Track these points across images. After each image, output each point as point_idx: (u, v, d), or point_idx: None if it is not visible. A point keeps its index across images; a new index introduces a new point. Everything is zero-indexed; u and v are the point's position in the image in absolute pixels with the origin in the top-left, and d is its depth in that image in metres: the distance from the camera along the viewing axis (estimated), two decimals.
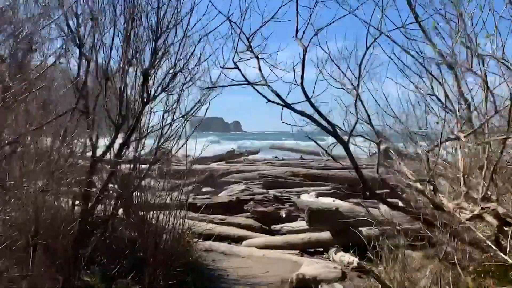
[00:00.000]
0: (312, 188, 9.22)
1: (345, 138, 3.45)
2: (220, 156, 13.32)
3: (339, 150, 3.74)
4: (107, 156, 3.63)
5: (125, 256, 3.82)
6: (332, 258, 4.69)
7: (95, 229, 3.60)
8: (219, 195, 8.33)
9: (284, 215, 5.95)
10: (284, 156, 15.78)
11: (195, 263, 4.03)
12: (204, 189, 8.87)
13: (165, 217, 3.85)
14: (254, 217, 6.16)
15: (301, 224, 5.65)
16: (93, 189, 3.59)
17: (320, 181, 9.97)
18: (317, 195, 8.63)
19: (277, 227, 5.85)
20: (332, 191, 9.12)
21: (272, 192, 7.87)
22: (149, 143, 4.02)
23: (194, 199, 6.58)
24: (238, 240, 5.48)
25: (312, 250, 5.11)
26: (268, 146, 17.96)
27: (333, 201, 8.19)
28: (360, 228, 4.90)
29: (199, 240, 4.54)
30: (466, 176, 3.30)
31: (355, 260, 4.11)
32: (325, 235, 5.00)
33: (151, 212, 4.00)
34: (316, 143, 3.86)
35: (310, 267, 3.97)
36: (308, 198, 8.30)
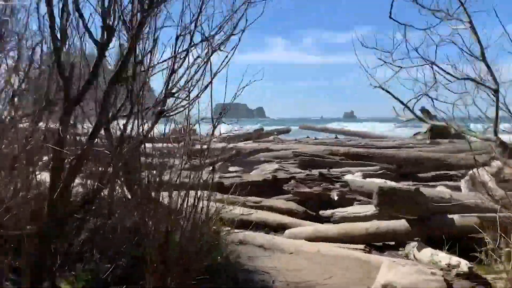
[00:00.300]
0: (356, 169, 7.85)
1: None
2: (247, 134, 12.05)
3: None
4: None
5: (123, 252, 2.61)
6: (414, 257, 3.37)
7: (74, 212, 2.36)
8: (251, 174, 7.10)
9: (336, 198, 4.63)
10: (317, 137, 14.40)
11: (225, 262, 2.78)
12: (231, 168, 7.63)
13: (182, 197, 2.61)
14: (297, 199, 4.88)
15: (359, 209, 4.33)
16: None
17: (364, 160, 8.58)
18: (364, 176, 7.28)
19: (327, 212, 4.54)
20: (381, 171, 7.74)
21: (315, 171, 6.57)
22: None
23: (221, 178, 5.34)
24: (278, 228, 4.22)
25: (380, 244, 3.80)
26: (297, 128, 16.61)
27: (385, 182, 6.87)
28: (450, 216, 3.56)
29: (231, 230, 3.26)
30: None
31: (463, 263, 2.76)
32: (399, 224, 3.66)
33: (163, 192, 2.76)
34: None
35: (394, 271, 2.65)
36: (355, 178, 6.99)
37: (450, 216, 3.58)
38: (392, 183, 6.55)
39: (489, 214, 3.40)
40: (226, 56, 2.54)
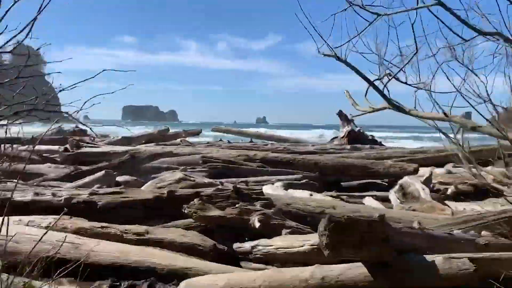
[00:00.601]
0: (276, 178, 6.64)
1: None
2: (149, 135, 10.29)
3: None
4: None
5: None
6: None
7: None
8: (143, 187, 5.46)
9: (258, 224, 3.22)
10: (231, 141, 13.01)
11: None
12: (120, 178, 5.91)
13: None
14: (201, 227, 3.40)
15: (292, 241, 2.99)
16: None
17: (284, 167, 7.42)
18: (286, 187, 6.09)
19: (245, 246, 3.13)
20: (303, 181, 6.60)
21: (226, 181, 5.15)
22: None
23: (92, 195, 3.66)
24: (169, 277, 2.71)
25: None
26: (211, 129, 14.96)
27: (310, 195, 5.76)
28: (428, 257, 2.35)
29: None
30: None
31: None
32: (355, 272, 2.37)
33: None
34: None
35: None
36: (275, 190, 5.75)
37: (428, 257, 2.36)
38: (317, 196, 5.44)
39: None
40: None
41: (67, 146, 9.16)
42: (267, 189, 5.79)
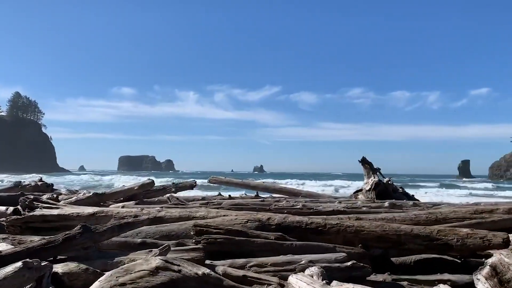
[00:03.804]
0: (305, 257, 4.41)
1: None
2: (127, 191, 8.03)
3: None
4: None
5: None
6: None
7: None
8: (93, 286, 3.21)
9: None
10: (231, 194, 10.73)
11: None
12: (59, 267, 3.62)
13: None
14: None
15: None
16: None
17: (312, 236, 5.20)
18: (326, 277, 3.89)
19: None
20: (349, 263, 4.34)
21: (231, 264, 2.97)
22: None
23: None
24: None
25: None
26: (207, 180, 12.60)
27: None
28: None
29: None
30: None
31: None
32: None
33: None
34: None
35: None
36: (310, 284, 3.56)
37: None
38: None
39: None
40: None
41: (19, 206, 6.93)
42: (297, 283, 3.60)
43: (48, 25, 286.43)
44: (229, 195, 9.70)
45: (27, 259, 2.96)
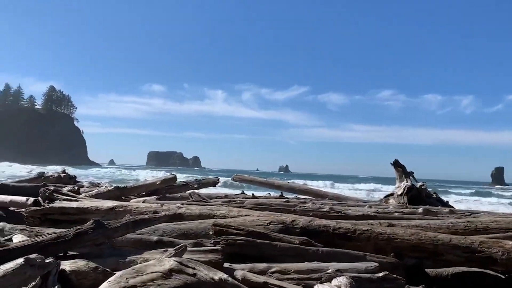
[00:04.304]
0: (332, 265, 4.04)
1: None
2: (150, 185, 7.83)
3: None
4: None
5: None
6: None
7: None
8: (102, 286, 2.96)
9: None
10: (254, 192, 10.42)
11: None
12: (67, 265, 3.39)
13: None
14: None
15: None
16: None
17: (340, 242, 4.83)
18: (351, 286, 3.50)
19: None
20: (381, 274, 3.94)
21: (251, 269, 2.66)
22: None
23: None
24: None
25: None
26: (231, 178, 12.28)
27: None
28: None
29: None
30: None
31: None
32: None
33: None
34: None
35: None
36: None
37: None
38: None
39: None
40: None
41: (39, 197, 6.83)
42: None
43: (82, 23, 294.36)
44: (253, 194, 9.39)
45: (29, 256, 2.73)
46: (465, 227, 5.96)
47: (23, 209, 6.64)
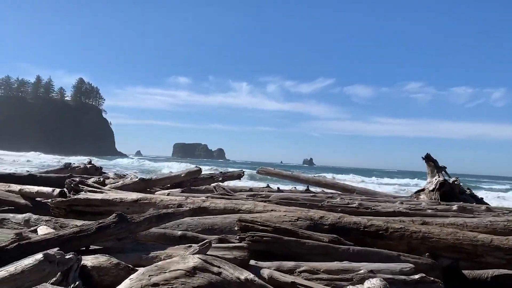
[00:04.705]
0: (364, 266, 3.82)
1: None
2: (174, 178, 7.75)
3: None
4: None
5: None
6: None
7: None
8: (123, 284, 2.84)
9: None
10: (280, 186, 10.21)
11: None
12: (89, 260, 3.29)
13: None
14: None
15: None
16: None
17: (370, 240, 4.59)
18: None
19: None
20: (417, 276, 3.70)
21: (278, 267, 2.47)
22: None
23: None
24: None
25: None
26: (256, 171, 12.07)
27: None
28: None
29: None
30: None
31: None
32: None
33: None
34: None
35: None
36: None
37: None
38: None
39: None
40: None
41: (65, 188, 6.83)
42: None
43: (110, 18, 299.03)
44: (278, 188, 9.20)
45: (48, 252, 2.62)
46: (504, 227, 5.60)
47: (49, 200, 6.65)
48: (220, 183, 7.94)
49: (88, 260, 3.24)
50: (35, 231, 4.89)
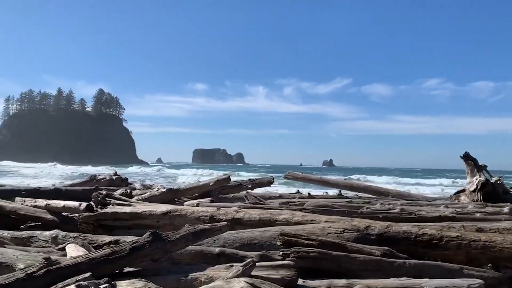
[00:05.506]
0: (425, 282, 3.41)
1: None
2: (202, 187, 7.45)
3: None
4: None
5: None
6: None
7: None
8: None
9: None
10: (310, 190, 9.80)
11: None
12: (124, 284, 2.99)
13: None
14: None
15: None
16: None
17: (423, 251, 4.16)
18: None
19: None
20: None
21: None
22: None
23: None
24: None
25: None
26: (283, 176, 11.72)
27: None
28: None
29: None
30: None
31: None
32: None
33: None
34: None
35: None
36: None
37: None
38: None
39: None
40: None
41: (92, 202, 6.60)
42: None
43: (126, 27, 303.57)
44: (309, 193, 8.81)
45: (81, 282, 2.32)
46: None
47: (76, 214, 6.44)
48: (250, 191, 7.60)
49: (123, 286, 2.93)
50: (63, 249, 4.66)
